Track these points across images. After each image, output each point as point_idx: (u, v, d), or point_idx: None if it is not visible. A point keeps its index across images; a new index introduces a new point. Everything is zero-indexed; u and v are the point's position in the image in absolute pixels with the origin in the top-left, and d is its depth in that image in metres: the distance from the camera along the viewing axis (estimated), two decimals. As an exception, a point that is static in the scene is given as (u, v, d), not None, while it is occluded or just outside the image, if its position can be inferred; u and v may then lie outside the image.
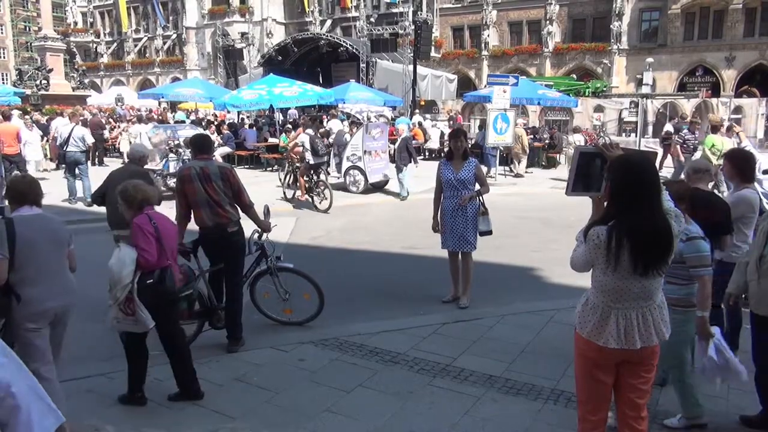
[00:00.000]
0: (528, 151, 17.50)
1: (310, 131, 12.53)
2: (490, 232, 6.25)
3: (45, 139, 17.39)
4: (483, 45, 41.80)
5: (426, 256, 7.94)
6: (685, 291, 3.66)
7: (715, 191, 4.69)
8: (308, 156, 12.04)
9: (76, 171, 12.48)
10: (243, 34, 39.30)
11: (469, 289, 6.25)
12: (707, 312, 3.55)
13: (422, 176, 16.49)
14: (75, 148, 12.52)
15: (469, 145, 21.65)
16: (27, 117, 18.73)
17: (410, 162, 13.55)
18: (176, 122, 20.59)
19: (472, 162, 6.20)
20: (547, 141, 19.98)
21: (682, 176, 4.56)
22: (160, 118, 24.77)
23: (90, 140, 13.17)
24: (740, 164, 4.68)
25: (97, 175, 14.79)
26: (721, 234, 4.25)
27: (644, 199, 2.56)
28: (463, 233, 6.13)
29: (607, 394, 2.89)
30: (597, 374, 2.83)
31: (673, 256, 2.58)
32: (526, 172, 17.32)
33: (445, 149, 22.58)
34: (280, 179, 14.36)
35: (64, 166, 13.10)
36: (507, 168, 17.24)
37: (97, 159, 18.60)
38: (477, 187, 6.15)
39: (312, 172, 12.24)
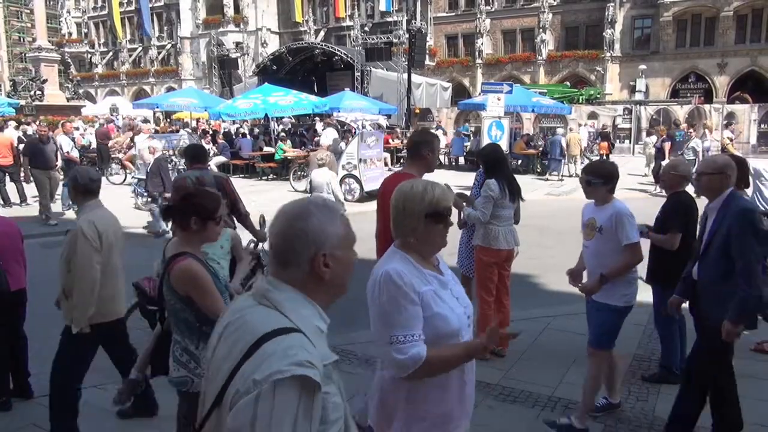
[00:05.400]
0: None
1: None
2: None
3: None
4: (477, 53, 42.03)
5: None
6: None
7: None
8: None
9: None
10: (238, 44, 39.52)
11: None
12: None
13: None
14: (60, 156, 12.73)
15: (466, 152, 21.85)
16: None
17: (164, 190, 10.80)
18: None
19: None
20: (540, 148, 20.05)
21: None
22: (156, 128, 24.78)
23: (66, 148, 13.14)
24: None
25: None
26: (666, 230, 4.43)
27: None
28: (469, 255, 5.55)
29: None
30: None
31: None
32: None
33: (441, 157, 22.73)
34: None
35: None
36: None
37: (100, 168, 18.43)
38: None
39: None
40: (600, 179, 3.74)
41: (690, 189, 4.54)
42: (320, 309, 1.47)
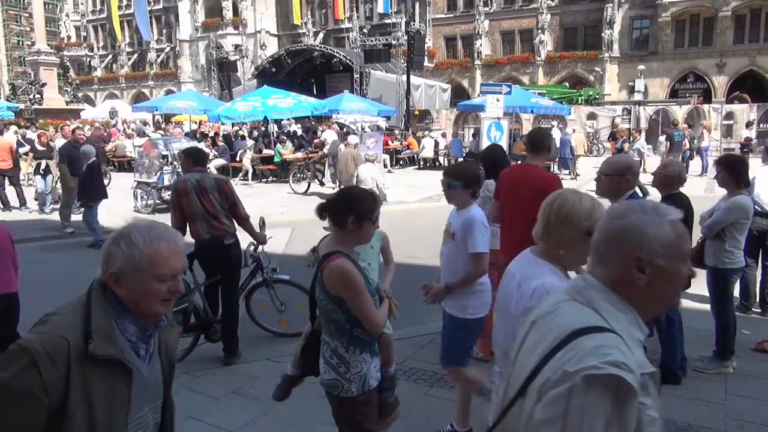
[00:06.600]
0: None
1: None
2: None
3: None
4: (476, 54, 42.07)
5: (424, 265, 7.92)
6: None
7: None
8: None
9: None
10: (236, 46, 39.51)
11: None
12: None
13: (416, 185, 16.56)
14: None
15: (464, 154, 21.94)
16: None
17: (103, 197, 10.04)
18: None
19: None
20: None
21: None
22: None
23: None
24: (733, 170, 4.72)
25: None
26: None
27: None
28: None
29: None
30: None
31: None
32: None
33: (440, 158, 22.77)
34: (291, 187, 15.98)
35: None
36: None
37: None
38: None
39: None
40: (460, 182, 3.58)
41: (683, 189, 4.53)
42: (638, 317, 1.35)
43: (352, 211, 2.67)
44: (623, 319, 1.31)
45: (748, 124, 20.76)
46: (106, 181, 17.41)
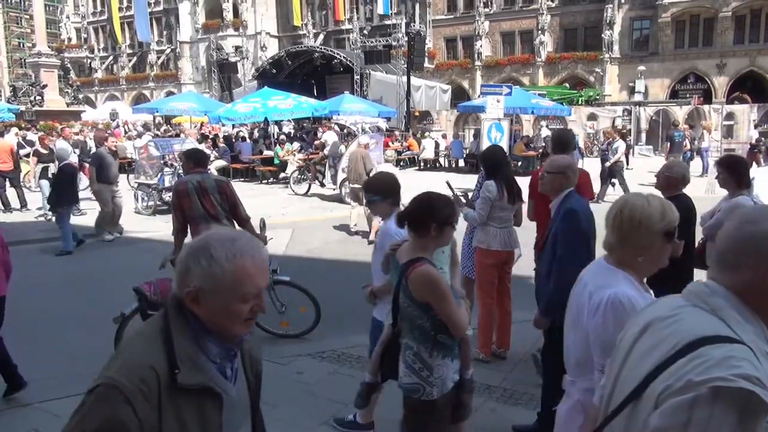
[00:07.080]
0: None
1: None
2: None
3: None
4: (476, 55, 42.10)
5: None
6: None
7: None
8: None
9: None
10: (237, 48, 39.59)
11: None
12: None
13: (415, 187, 16.56)
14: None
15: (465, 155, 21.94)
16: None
17: (73, 203, 9.44)
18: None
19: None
20: (540, 150, 20.08)
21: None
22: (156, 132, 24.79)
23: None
24: (735, 171, 4.70)
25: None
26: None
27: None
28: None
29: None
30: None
31: None
32: None
33: (441, 159, 22.77)
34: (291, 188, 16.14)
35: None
36: None
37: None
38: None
39: None
40: (378, 195, 3.61)
41: (686, 190, 4.52)
42: (765, 328, 1.26)
43: (433, 218, 2.71)
44: (751, 331, 1.23)
45: (757, 125, 20.82)
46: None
